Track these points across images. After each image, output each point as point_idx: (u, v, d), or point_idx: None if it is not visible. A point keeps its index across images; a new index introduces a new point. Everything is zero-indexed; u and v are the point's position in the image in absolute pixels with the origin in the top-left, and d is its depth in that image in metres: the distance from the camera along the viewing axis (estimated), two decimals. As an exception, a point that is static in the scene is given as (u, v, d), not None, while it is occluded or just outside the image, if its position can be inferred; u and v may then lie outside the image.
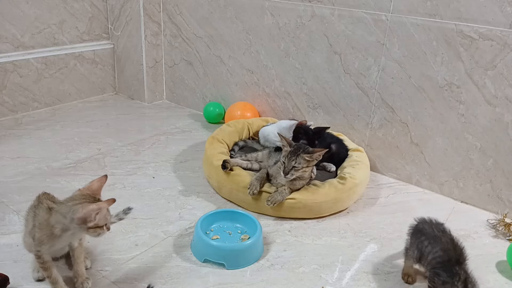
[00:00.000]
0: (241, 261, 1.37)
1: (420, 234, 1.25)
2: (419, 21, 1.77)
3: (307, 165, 1.56)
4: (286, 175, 1.55)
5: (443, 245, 1.17)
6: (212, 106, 2.52)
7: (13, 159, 1.94)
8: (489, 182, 1.77)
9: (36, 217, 1.09)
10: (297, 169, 1.54)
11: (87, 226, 1.03)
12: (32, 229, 1.10)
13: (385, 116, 1.97)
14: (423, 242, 1.22)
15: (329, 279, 1.34)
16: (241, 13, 2.31)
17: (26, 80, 2.43)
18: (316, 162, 1.59)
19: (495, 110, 1.68)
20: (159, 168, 1.96)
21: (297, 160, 1.54)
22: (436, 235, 1.20)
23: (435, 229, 1.22)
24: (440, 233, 1.20)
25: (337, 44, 2.02)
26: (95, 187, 1.13)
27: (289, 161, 1.55)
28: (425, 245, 1.20)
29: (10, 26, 2.33)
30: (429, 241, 1.20)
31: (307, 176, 1.63)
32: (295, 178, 1.58)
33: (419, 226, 1.28)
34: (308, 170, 1.59)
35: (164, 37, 2.71)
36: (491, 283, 1.38)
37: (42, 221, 1.07)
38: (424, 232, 1.24)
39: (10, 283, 1.19)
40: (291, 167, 1.54)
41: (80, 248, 1.20)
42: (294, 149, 1.56)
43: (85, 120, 2.44)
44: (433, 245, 1.19)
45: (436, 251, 1.17)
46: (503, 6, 1.57)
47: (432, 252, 1.18)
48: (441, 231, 1.22)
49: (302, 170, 1.55)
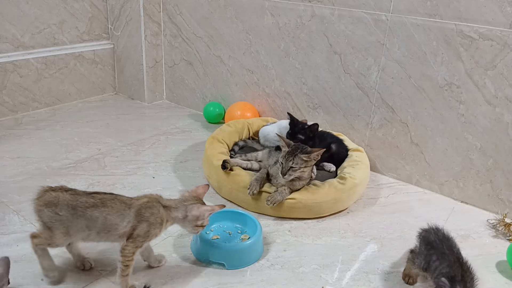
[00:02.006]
0: (241, 261, 1.37)
1: (430, 247, 1.24)
2: (419, 21, 1.77)
3: (305, 165, 1.56)
4: (284, 176, 1.55)
5: (450, 263, 1.17)
6: (212, 106, 2.52)
7: (13, 159, 1.94)
8: (489, 182, 1.77)
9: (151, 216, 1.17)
10: (295, 170, 1.54)
11: (196, 224, 1.20)
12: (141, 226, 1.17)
13: (385, 116, 1.97)
14: (432, 256, 1.21)
15: (329, 279, 1.34)
16: (241, 13, 2.31)
17: (26, 80, 2.43)
18: (314, 162, 1.59)
19: (495, 110, 1.68)
20: (159, 168, 1.96)
21: (294, 160, 1.54)
22: (444, 252, 1.20)
23: (445, 246, 1.22)
24: (449, 251, 1.20)
25: (337, 44, 2.02)
26: (200, 192, 1.28)
27: (286, 161, 1.55)
28: (433, 260, 1.20)
29: (10, 26, 2.33)
30: (437, 257, 1.20)
31: (307, 176, 1.63)
32: (294, 178, 1.58)
33: (430, 238, 1.26)
34: (307, 170, 1.59)
35: (164, 37, 2.71)
36: (491, 283, 1.38)
37: (157, 218, 1.18)
38: (434, 246, 1.23)
39: (10, 283, 1.19)
40: (288, 167, 1.54)
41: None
42: (291, 149, 1.56)
43: (85, 120, 2.44)
44: (441, 261, 1.18)
45: (443, 267, 1.17)
46: (503, 6, 1.57)
47: (439, 267, 1.18)
48: (449, 248, 1.21)
49: (300, 170, 1.55)
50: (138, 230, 1.16)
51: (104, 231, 1.18)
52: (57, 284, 1.24)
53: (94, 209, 1.16)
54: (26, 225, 1.49)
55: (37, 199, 1.19)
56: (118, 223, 1.17)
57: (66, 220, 1.16)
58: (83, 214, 1.16)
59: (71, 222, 1.17)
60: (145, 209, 1.18)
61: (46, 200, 1.17)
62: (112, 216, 1.16)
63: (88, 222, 1.17)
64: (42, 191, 1.20)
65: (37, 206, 1.18)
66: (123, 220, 1.17)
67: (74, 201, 1.17)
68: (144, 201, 1.20)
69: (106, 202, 1.18)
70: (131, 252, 1.17)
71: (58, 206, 1.16)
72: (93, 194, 1.20)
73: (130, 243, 1.16)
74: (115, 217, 1.17)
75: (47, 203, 1.17)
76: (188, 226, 1.23)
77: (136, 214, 1.17)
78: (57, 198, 1.17)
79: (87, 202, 1.17)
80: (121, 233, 1.17)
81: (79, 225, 1.17)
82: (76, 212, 1.16)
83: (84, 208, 1.16)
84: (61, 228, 1.17)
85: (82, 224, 1.17)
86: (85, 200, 1.18)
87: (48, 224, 1.17)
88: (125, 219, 1.17)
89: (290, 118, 1.90)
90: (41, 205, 1.17)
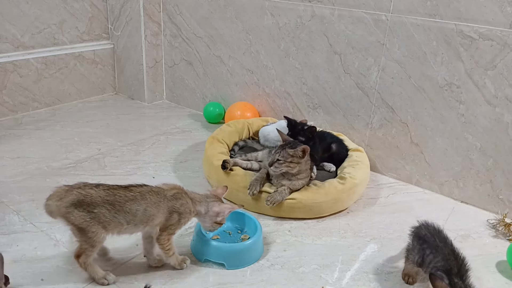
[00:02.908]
0: (241, 261, 1.37)
1: (422, 241, 1.24)
2: (419, 21, 1.77)
3: (291, 161, 1.56)
4: (270, 167, 1.58)
5: (445, 255, 1.17)
6: (212, 106, 2.52)
7: (13, 159, 1.94)
8: (489, 182, 1.77)
9: (182, 207, 1.24)
10: (281, 163, 1.56)
11: (215, 220, 1.29)
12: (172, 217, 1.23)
13: (385, 116, 1.97)
14: (425, 250, 1.21)
15: (329, 279, 1.34)
16: (241, 13, 2.31)
17: (26, 80, 2.43)
18: (302, 159, 1.58)
19: (495, 110, 1.68)
20: (159, 168, 1.96)
21: (281, 153, 1.57)
22: (438, 245, 1.19)
23: (437, 239, 1.21)
24: (442, 244, 1.20)
25: (337, 44, 2.02)
26: (219, 192, 1.36)
27: (275, 154, 1.59)
28: (427, 254, 1.20)
29: (10, 26, 2.33)
30: (431, 250, 1.20)
31: (301, 174, 1.62)
32: (292, 178, 1.59)
33: (421, 233, 1.26)
34: (295, 167, 1.58)
35: (164, 37, 2.71)
36: (491, 283, 1.38)
37: (187, 208, 1.26)
38: (426, 240, 1.23)
39: (10, 283, 1.19)
40: (275, 159, 1.57)
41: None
42: (283, 144, 1.61)
43: (85, 120, 2.44)
44: (435, 254, 1.18)
45: (438, 261, 1.17)
46: (503, 6, 1.57)
47: (433, 261, 1.18)
48: (442, 241, 1.21)
49: (285, 164, 1.56)
50: (171, 220, 1.23)
51: (142, 223, 1.20)
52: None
53: (134, 202, 1.18)
54: (26, 225, 1.49)
55: (59, 201, 1.12)
56: (155, 214, 1.20)
57: (102, 217, 1.14)
58: (122, 209, 1.16)
59: (107, 218, 1.15)
60: (176, 200, 1.24)
61: (73, 200, 1.12)
62: (151, 208, 1.19)
63: (127, 216, 1.17)
64: (63, 192, 1.14)
65: (64, 209, 1.12)
66: (159, 211, 1.21)
67: (111, 196, 1.16)
68: (174, 192, 1.25)
69: (145, 195, 1.20)
70: (166, 239, 1.24)
71: (92, 203, 1.13)
72: (130, 188, 1.21)
73: (163, 232, 1.23)
74: (153, 208, 1.20)
75: (75, 203, 1.12)
76: (207, 222, 1.30)
77: (168, 204, 1.23)
78: (90, 196, 1.14)
79: (126, 196, 1.17)
80: (157, 223, 1.21)
81: (117, 220, 1.16)
82: (114, 207, 1.15)
83: (123, 202, 1.16)
84: (97, 225, 1.14)
85: (120, 219, 1.16)
86: (124, 194, 1.17)
87: (81, 225, 1.13)
88: (160, 210, 1.21)
89: (287, 121, 1.90)
90: (68, 207, 1.12)
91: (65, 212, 1.13)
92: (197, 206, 1.28)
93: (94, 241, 1.16)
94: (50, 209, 1.15)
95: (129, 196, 1.17)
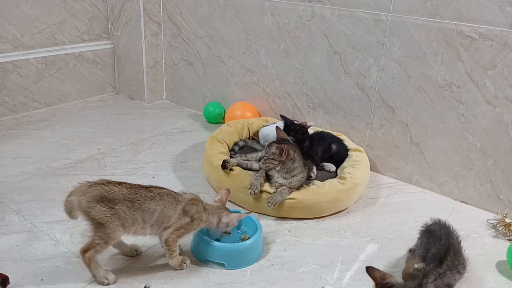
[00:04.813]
0: (241, 261, 1.37)
1: (430, 235, 1.29)
2: (419, 21, 1.77)
3: (273, 158, 1.58)
4: (259, 162, 1.65)
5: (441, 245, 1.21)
6: (212, 106, 2.52)
7: (13, 159, 1.94)
8: (489, 182, 1.77)
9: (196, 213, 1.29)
10: (265, 159, 1.61)
11: (225, 230, 1.37)
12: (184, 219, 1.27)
13: (385, 116, 1.97)
14: (430, 243, 1.25)
15: (329, 279, 1.34)
16: (241, 13, 2.31)
17: (26, 80, 2.43)
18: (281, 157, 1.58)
19: (495, 110, 1.68)
20: (159, 168, 1.96)
21: (267, 150, 1.61)
22: (441, 237, 1.25)
23: (443, 232, 1.27)
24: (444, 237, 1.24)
25: (337, 44, 2.02)
26: (224, 200, 1.42)
27: (263, 150, 1.64)
28: (431, 246, 1.24)
29: (10, 26, 2.33)
30: (435, 243, 1.24)
31: (296, 172, 1.62)
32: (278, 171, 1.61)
33: (431, 227, 1.32)
34: (278, 164, 1.60)
35: (164, 37, 2.71)
36: (491, 283, 1.38)
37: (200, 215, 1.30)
38: (434, 234, 1.28)
39: (10, 283, 1.19)
40: (262, 155, 1.62)
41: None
42: (273, 141, 1.65)
43: (85, 120, 2.44)
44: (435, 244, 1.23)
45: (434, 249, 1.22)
46: (503, 6, 1.57)
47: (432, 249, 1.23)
48: (446, 234, 1.26)
49: (269, 161, 1.59)
50: (183, 223, 1.25)
51: (157, 223, 1.23)
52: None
53: (152, 202, 1.22)
54: (26, 225, 1.49)
55: (81, 196, 1.16)
56: (171, 215, 1.24)
57: (122, 213, 1.17)
58: (141, 207, 1.19)
59: (127, 215, 1.18)
60: (191, 205, 1.28)
61: (96, 196, 1.16)
62: (168, 209, 1.23)
63: (145, 215, 1.20)
64: (85, 187, 1.18)
65: (86, 203, 1.15)
66: (174, 213, 1.24)
67: (133, 194, 1.20)
68: (190, 197, 1.30)
69: (164, 196, 1.24)
70: (174, 241, 1.26)
71: (114, 200, 1.17)
72: (150, 188, 1.25)
73: (173, 234, 1.25)
74: (170, 209, 1.24)
75: (98, 198, 1.16)
76: (217, 232, 1.38)
77: (184, 208, 1.26)
78: (112, 192, 1.17)
79: (146, 195, 1.21)
80: (169, 225, 1.24)
81: (135, 218, 1.19)
82: (134, 204, 1.19)
83: (142, 201, 1.20)
84: (116, 221, 1.17)
85: (138, 217, 1.19)
86: (144, 194, 1.21)
87: (101, 221, 1.16)
88: (176, 212, 1.24)
89: (283, 120, 1.91)
90: (91, 201, 1.15)
91: (87, 206, 1.16)
92: (209, 217, 1.33)
93: (109, 237, 1.18)
94: (71, 205, 1.18)
95: (149, 196, 1.22)
